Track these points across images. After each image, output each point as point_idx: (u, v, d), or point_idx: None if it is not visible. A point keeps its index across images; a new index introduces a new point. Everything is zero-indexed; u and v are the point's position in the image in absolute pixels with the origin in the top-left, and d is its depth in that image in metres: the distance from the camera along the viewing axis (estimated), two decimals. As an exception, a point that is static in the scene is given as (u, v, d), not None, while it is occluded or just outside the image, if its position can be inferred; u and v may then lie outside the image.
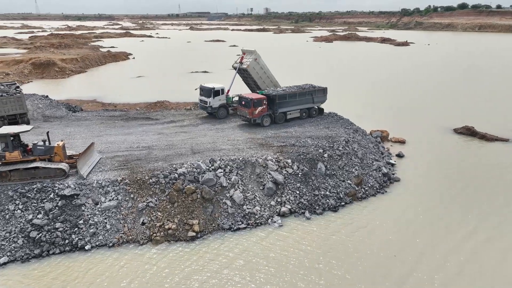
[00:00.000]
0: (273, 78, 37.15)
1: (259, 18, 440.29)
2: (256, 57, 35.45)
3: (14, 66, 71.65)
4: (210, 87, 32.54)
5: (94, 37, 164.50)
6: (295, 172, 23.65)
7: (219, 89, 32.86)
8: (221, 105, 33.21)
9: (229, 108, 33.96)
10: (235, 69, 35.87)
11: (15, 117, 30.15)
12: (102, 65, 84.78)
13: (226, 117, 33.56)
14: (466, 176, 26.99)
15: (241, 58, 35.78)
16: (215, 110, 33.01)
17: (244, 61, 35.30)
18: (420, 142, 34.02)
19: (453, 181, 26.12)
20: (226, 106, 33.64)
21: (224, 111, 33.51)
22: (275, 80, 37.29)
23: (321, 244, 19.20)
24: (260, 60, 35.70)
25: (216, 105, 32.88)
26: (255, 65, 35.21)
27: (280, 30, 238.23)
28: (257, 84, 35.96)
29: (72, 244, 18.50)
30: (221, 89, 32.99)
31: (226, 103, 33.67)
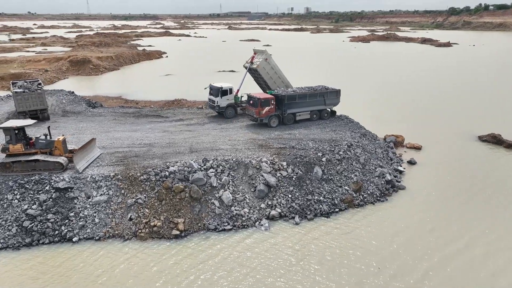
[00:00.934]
0: (285, 78, 36.61)
1: (299, 18, 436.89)
2: (267, 57, 35.08)
3: (55, 63, 75.95)
4: (218, 86, 32.65)
5: (135, 36, 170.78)
6: (289, 175, 23.14)
7: (227, 89, 32.86)
8: (229, 105, 33.20)
9: (237, 108, 33.87)
10: (246, 69, 35.71)
11: (36, 112, 31.96)
12: (136, 63, 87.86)
13: (234, 116, 33.52)
14: (482, 189, 25.07)
15: (252, 58, 35.57)
16: (222, 109, 33.07)
17: (254, 61, 35.07)
18: (438, 149, 32.12)
19: (465, 193, 24.38)
20: (234, 105, 33.59)
21: (232, 110, 33.49)
22: (287, 81, 36.73)
23: (302, 250, 18.65)
24: (270, 60, 35.30)
25: (223, 105, 32.92)
26: (265, 65, 34.86)
27: (318, 30, 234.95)
28: (267, 84, 35.61)
29: (61, 235, 19.28)
30: (229, 89, 32.99)
31: (234, 102, 33.60)
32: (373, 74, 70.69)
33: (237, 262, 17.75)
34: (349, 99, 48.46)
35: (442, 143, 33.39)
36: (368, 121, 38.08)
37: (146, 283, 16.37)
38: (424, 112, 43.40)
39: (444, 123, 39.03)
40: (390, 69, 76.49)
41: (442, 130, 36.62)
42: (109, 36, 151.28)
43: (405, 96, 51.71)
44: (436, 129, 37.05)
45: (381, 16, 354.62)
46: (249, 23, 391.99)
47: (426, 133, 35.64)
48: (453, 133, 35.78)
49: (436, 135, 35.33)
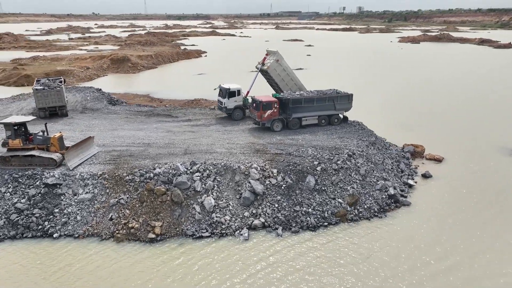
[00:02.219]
0: (298, 80, 35.20)
1: (350, 17, 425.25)
2: (278, 58, 33.85)
3: (98, 61, 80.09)
4: (226, 87, 32.11)
5: (182, 35, 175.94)
6: (279, 184, 22.00)
7: (235, 90, 32.19)
8: (237, 107, 32.50)
9: (246, 110, 33.12)
10: (257, 70, 34.75)
11: (55, 109, 33.53)
12: (174, 62, 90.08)
13: (242, 119, 32.78)
14: (503, 214, 22.19)
15: (264, 59, 34.52)
16: (230, 111, 32.46)
17: (266, 62, 34.02)
18: (463, 162, 29.11)
19: (480, 218, 21.66)
20: (242, 107, 32.83)
21: (240, 112, 32.75)
22: (300, 83, 35.27)
23: (277, 264, 17.53)
24: (282, 62, 34.05)
25: (231, 106, 32.29)
26: (276, 67, 33.63)
27: (367, 30, 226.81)
28: (279, 86, 34.44)
29: (43, 231, 19.78)
30: (237, 90, 32.30)
31: (243, 104, 32.85)
32: (407, 77, 66.37)
33: (202, 272, 17.05)
34: (373, 103, 46.05)
35: (468, 155, 30.22)
36: (388, 128, 35.83)
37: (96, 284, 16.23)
38: (455, 120, 39.74)
39: (476, 133, 35.42)
40: (427, 72, 71.37)
41: (471, 141, 33.23)
42: (157, 36, 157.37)
43: (436, 102, 47.79)
44: (465, 139, 33.69)
45: (438, 16, 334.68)
46: (298, 22, 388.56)
47: (453, 144, 32.54)
48: (484, 145, 32.30)
49: (463, 146, 32.10)
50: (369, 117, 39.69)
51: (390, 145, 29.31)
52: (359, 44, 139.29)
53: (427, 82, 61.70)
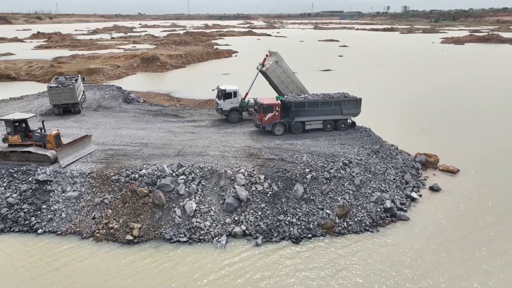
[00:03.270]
0: (299, 83, 33.79)
1: (394, 17, 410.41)
2: (278, 59, 32.71)
3: (130, 60, 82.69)
4: (223, 88, 31.49)
5: (219, 35, 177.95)
6: (264, 191, 21.16)
7: (231, 92, 31.49)
8: (233, 109, 31.74)
9: (243, 112, 32.29)
10: (257, 72, 33.62)
11: (69, 106, 34.71)
12: (204, 61, 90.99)
13: (239, 121, 31.97)
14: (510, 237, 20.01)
15: (264, 60, 33.44)
16: (225, 112, 31.76)
17: (265, 63, 32.93)
18: (481, 175, 26.65)
19: (483, 238, 19.65)
20: (239, 109, 32.00)
21: (236, 115, 31.95)
22: (302, 86, 33.87)
23: (241, 275, 16.77)
24: (282, 63, 32.84)
25: (226, 108, 31.59)
26: (275, 68, 32.49)
27: (409, 30, 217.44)
28: (279, 88, 33.26)
29: (30, 226, 20.29)
30: (233, 92, 31.56)
31: (240, 106, 32.04)
32: (437, 80, 62.40)
33: (161, 277, 16.65)
34: (394, 107, 43.68)
35: (488, 169, 27.60)
36: (405, 134, 33.82)
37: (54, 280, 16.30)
38: (482, 129, 36.58)
39: (503, 145, 32.32)
40: (461, 76, 66.70)
41: (496, 153, 30.33)
42: (194, 35, 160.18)
43: (463, 108, 44.35)
44: (489, 151, 30.83)
45: (491, 15, 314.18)
46: (338, 22, 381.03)
47: (473, 155, 29.94)
48: (508, 157, 29.39)
49: (485, 158, 29.39)
50: (386, 122, 37.84)
51: (398, 154, 27.39)
52: (397, 45, 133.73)
53: (458, 86, 57.70)
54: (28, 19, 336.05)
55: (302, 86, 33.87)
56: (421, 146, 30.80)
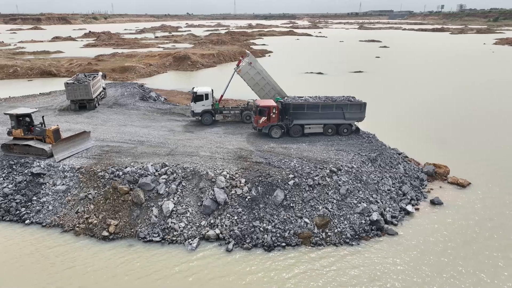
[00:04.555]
0: (276, 85, 32.18)
1: (447, 16, 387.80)
2: (251, 61, 31.32)
3: (164, 59, 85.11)
4: (194, 91, 31.19)
5: (259, 35, 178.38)
6: (244, 195, 20.63)
7: (202, 94, 30.94)
8: (205, 111, 31.18)
9: (216, 114, 31.66)
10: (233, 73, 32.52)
11: (84, 102, 36.24)
12: (236, 61, 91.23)
13: (211, 123, 31.35)
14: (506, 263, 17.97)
15: (239, 61, 32.24)
16: (197, 115, 31.28)
17: (240, 64, 31.83)
18: (492, 190, 24.29)
19: (475, 262, 17.81)
20: (211, 112, 31.40)
21: (209, 117, 31.34)
22: (279, 88, 32.27)
23: (198, 280, 16.41)
24: (256, 64, 31.45)
25: (198, 110, 31.08)
26: (249, 70, 31.22)
27: (461, 31, 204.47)
28: (254, 91, 32.02)
29: (19, 216, 21.31)
30: (204, 94, 30.95)
31: (212, 109, 31.48)
32: (473, 84, 57.77)
33: (117, 276, 16.71)
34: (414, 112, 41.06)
35: (503, 184, 25.04)
36: (418, 142, 31.74)
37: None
38: (506, 140, 33.30)
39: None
40: (501, 82, 61.31)
41: None
42: (234, 35, 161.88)
43: (490, 116, 40.63)
44: (509, 165, 27.98)
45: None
46: (386, 22, 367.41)
47: (490, 168, 27.35)
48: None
49: (502, 172, 26.72)
50: (401, 128, 35.74)
51: (399, 163, 25.58)
52: (442, 46, 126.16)
53: (493, 92, 53.08)
54: (85, 19, 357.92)
55: (280, 89, 32.40)
56: (435, 156, 28.67)
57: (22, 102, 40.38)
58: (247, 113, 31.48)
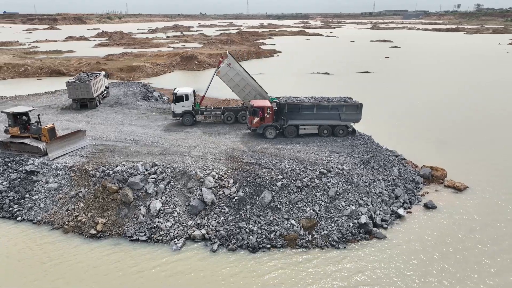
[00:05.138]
0: (256, 85, 31.69)
1: (464, 16, 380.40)
2: (230, 62, 30.91)
3: (171, 58, 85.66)
4: (174, 92, 31.22)
5: (269, 34, 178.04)
6: (231, 195, 20.55)
7: (182, 95, 30.87)
8: (186, 112, 31.14)
9: (197, 115, 31.62)
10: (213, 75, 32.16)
11: (85, 101, 36.68)
12: (244, 60, 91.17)
13: (192, 124, 31.27)
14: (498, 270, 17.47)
15: (219, 62, 31.80)
16: (177, 116, 31.29)
17: (220, 65, 31.55)
18: (491, 195, 23.67)
19: (463, 267, 17.37)
20: (191, 112, 31.34)
21: (189, 118, 31.23)
22: (259, 89, 31.75)
23: (178, 281, 16.39)
24: (235, 65, 31.03)
25: (178, 111, 31.03)
26: (228, 71, 30.85)
27: (476, 30, 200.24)
28: (235, 92, 31.74)
29: (12, 213, 21.66)
30: (184, 95, 30.88)
31: (193, 109, 31.42)
32: (478, 86, 56.43)
33: (106, 276, 16.80)
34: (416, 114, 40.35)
35: (502, 188, 24.38)
36: (417, 144, 31.20)
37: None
38: (508, 143, 32.47)
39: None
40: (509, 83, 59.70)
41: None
42: (244, 35, 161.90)
43: (493, 119, 39.57)
44: (509, 169, 27.24)
45: None
46: (400, 22, 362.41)
47: (491, 171, 26.70)
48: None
49: (502, 176, 26.02)
50: (401, 130, 35.14)
51: (394, 165, 25.14)
52: (455, 46, 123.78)
53: (502, 94, 51.76)
54: (100, 19, 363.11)
55: (260, 89, 31.91)
56: (435, 158, 28.10)
57: (26, 100, 41.12)
58: (229, 114, 31.49)
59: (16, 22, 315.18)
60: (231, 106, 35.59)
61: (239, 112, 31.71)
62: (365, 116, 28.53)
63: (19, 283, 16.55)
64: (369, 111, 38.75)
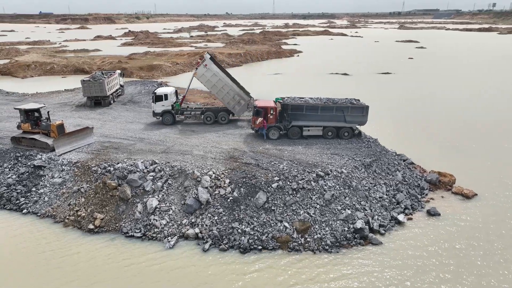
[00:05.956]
0: (234, 86, 31.35)
1: (499, 15, 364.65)
2: (206, 63, 30.70)
3: (191, 58, 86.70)
4: (154, 91, 31.52)
5: (292, 34, 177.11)
6: (226, 195, 20.56)
7: (161, 95, 31.22)
8: (165, 111, 31.37)
9: (176, 115, 31.74)
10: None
11: (99, 99, 37.71)
12: (263, 60, 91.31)
13: (172, 123, 31.50)
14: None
15: (198, 63, 31.51)
16: (157, 115, 31.59)
17: (198, 67, 31.33)
18: (501, 203, 22.56)
19: (458, 280, 16.66)
20: (171, 112, 31.50)
21: (169, 117, 31.50)
22: (237, 90, 31.38)
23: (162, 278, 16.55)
24: (211, 66, 30.83)
25: (158, 111, 31.42)
26: (205, 72, 30.70)
27: (511, 30, 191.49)
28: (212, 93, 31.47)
29: (18, 205, 22.54)
30: (164, 95, 31.23)
31: (173, 109, 31.59)
32: (499, 91, 53.80)
33: (85, 269, 17.17)
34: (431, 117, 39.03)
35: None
36: (429, 149, 30.22)
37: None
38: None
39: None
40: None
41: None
42: (268, 35, 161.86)
43: None
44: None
45: None
46: (430, 22, 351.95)
47: (504, 179, 25.44)
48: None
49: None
50: (415, 133, 34.06)
51: (398, 170, 24.38)
52: (485, 47, 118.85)
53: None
54: (128, 19, 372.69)
55: (238, 90, 31.53)
56: (446, 164, 27.02)
57: (46, 97, 42.74)
58: (208, 114, 31.62)
59: (50, 22, 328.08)
60: (212, 106, 35.33)
61: (219, 112, 31.77)
62: (378, 118, 27.87)
63: (19, 270, 17.18)
64: (382, 113, 37.99)
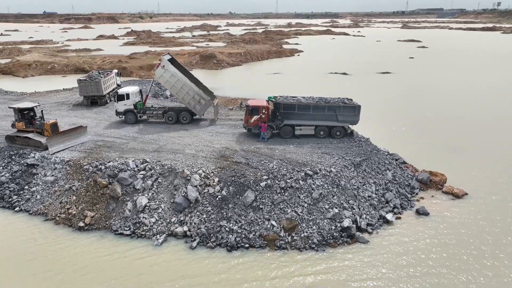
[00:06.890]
0: (193, 86, 31.26)
1: (504, 14, 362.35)
2: (164, 64, 30.65)
3: (192, 57, 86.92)
4: (116, 91, 31.75)
5: (294, 34, 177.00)
6: (215, 194, 20.70)
7: (123, 94, 31.53)
8: (127, 110, 31.77)
9: (138, 114, 32.02)
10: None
11: (95, 98, 37.97)
12: (264, 60, 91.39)
13: (135, 123, 31.83)
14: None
15: (157, 65, 31.51)
16: (120, 114, 32.01)
17: (156, 69, 31.38)
18: (491, 203, 22.58)
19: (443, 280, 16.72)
20: (133, 111, 31.85)
21: (132, 116, 31.84)
22: (197, 89, 31.29)
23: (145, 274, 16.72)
24: (169, 67, 30.74)
25: (120, 110, 31.83)
26: (163, 73, 30.66)
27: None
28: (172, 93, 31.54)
29: (11, 203, 22.79)
30: (125, 94, 31.51)
31: (135, 108, 31.88)
32: (498, 90, 53.57)
33: (72, 266, 17.37)
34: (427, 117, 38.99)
35: (506, 196, 23.18)
36: (422, 148, 30.21)
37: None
38: None
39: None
40: None
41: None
42: (269, 34, 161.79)
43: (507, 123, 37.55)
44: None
45: None
46: (434, 21, 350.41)
47: (498, 179, 25.45)
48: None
49: (509, 184, 24.74)
50: (409, 133, 34.06)
51: (388, 169, 24.42)
52: (487, 46, 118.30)
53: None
54: (132, 19, 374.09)
55: (197, 90, 31.48)
56: (438, 163, 27.04)
57: (44, 96, 43.07)
58: (170, 114, 31.73)
59: (54, 21, 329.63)
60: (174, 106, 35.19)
61: (181, 112, 31.90)
62: (373, 117, 27.92)
63: (4, 265, 17.43)
64: (378, 112, 38.03)
